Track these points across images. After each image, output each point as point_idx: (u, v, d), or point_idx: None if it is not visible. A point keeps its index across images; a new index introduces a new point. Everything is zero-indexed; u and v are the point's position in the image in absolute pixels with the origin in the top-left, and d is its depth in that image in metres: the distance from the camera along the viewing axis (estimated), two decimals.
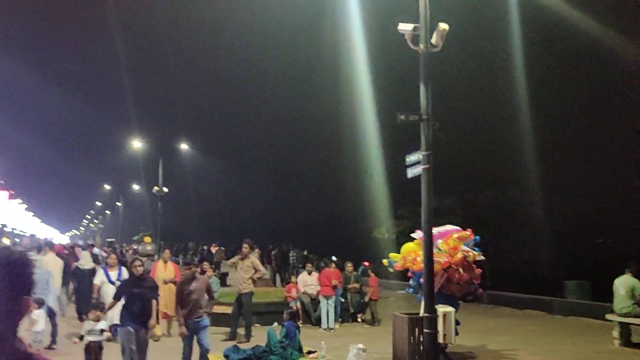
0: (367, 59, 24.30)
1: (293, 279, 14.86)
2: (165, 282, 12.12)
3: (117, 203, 73.79)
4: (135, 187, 63.61)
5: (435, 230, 9.85)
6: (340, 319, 14.21)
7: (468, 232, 9.74)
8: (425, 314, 8.28)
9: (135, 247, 41.87)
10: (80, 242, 46.25)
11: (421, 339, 8.60)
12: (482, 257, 9.82)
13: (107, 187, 75.93)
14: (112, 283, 11.27)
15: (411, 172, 8.77)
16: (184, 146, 38.73)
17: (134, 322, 7.96)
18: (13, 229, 71.77)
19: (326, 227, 38.07)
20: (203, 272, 15.43)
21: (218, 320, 13.53)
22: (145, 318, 8.07)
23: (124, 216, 75.54)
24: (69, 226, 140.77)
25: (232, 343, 10.97)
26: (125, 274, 11.32)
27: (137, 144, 37.23)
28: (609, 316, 11.00)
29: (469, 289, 9.93)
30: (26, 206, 76.72)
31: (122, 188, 67.13)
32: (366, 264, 22.18)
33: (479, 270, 9.82)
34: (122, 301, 8.32)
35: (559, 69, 23.29)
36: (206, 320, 8.61)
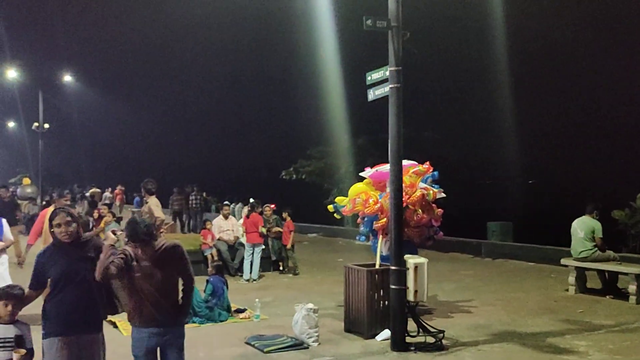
0: None
1: (208, 224, 12.98)
2: None
3: None
4: (11, 124, 57.91)
5: (384, 167, 8.41)
6: (260, 269, 12.64)
7: (426, 166, 8.34)
8: (393, 267, 6.82)
9: (12, 188, 38.34)
10: None
11: (384, 297, 7.19)
12: (443, 195, 8.47)
13: None
14: None
15: (373, 94, 7.13)
16: (67, 78, 34.75)
17: (74, 327, 4.13)
18: None
19: (227, 167, 35.99)
20: (100, 218, 13.24)
21: None
22: (95, 317, 4.30)
23: None
24: None
25: None
26: (6, 229, 7.87)
27: (11, 74, 32.93)
28: (564, 260, 10.16)
29: (428, 232, 8.62)
30: None
31: None
32: (272, 206, 20.24)
33: (439, 210, 8.48)
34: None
35: None
36: None
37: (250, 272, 12.01)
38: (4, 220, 7.93)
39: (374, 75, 7.10)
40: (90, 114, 48.59)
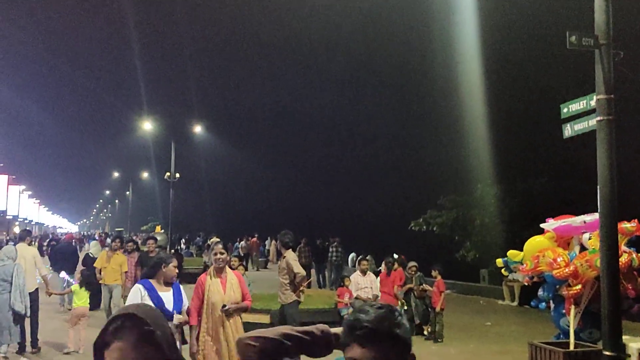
0: None
1: (347, 281, 11.82)
2: None
3: (127, 192, 71.22)
4: (145, 174, 61.12)
5: (571, 220, 6.88)
6: None
7: (634, 224, 6.67)
8: (607, 352, 5.23)
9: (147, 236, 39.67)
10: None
11: None
12: None
13: (116, 174, 73.21)
14: None
15: (571, 129, 5.71)
16: (197, 129, 35.74)
17: None
18: (24, 218, 69.37)
19: (352, 219, 35.00)
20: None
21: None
22: None
23: (133, 205, 73.23)
24: (79, 216, 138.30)
25: None
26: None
27: (147, 126, 34.37)
28: None
29: (623, 304, 6.89)
30: (30, 193, 74.22)
31: (131, 175, 64.39)
32: (403, 257, 18.55)
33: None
34: None
35: None
36: None
37: None
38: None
39: (573, 107, 5.71)
40: (218, 166, 50.05)
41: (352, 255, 24.62)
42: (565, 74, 17.73)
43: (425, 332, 11.71)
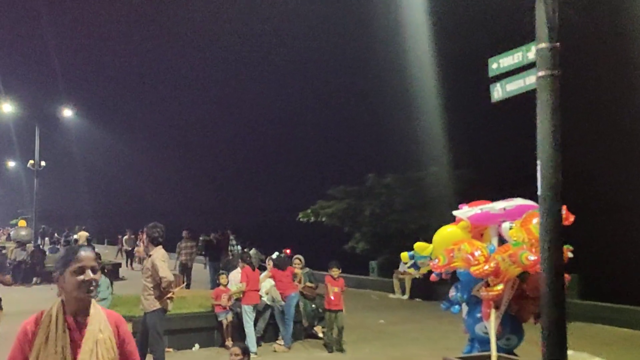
0: None
1: (223, 279, 10.15)
2: None
3: None
4: (11, 163, 55.88)
5: (491, 205, 5.77)
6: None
7: (564, 213, 5.56)
8: None
9: (10, 231, 36.32)
10: None
11: None
12: (571, 254, 5.70)
13: None
14: None
15: (502, 90, 4.47)
16: (67, 112, 32.37)
17: None
18: None
19: (239, 210, 33.28)
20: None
21: None
22: None
23: None
24: None
25: None
26: None
27: (6, 108, 30.65)
28: None
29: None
30: None
31: None
32: (287, 251, 17.13)
33: (567, 277, 5.71)
34: None
35: None
36: None
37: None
38: None
39: (505, 61, 4.46)
40: (98, 153, 46.38)
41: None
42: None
43: (320, 334, 10.37)
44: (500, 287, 5.29)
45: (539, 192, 4.20)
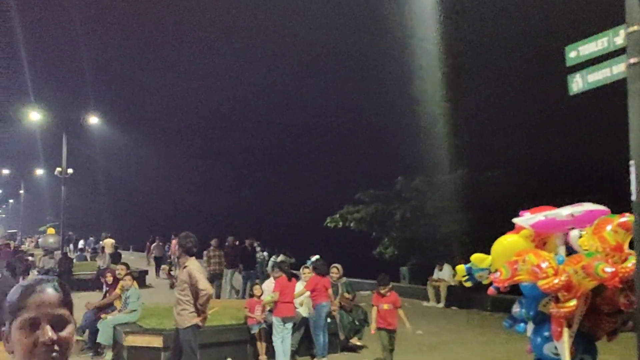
0: None
1: (257, 290, 9.70)
2: None
3: (20, 191, 65.51)
4: (40, 171, 56.23)
5: (556, 212, 5.23)
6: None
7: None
8: None
9: (38, 237, 36.52)
10: None
11: None
12: None
13: (5, 171, 66.81)
14: None
15: (583, 81, 3.95)
16: (93, 119, 32.31)
17: None
18: None
19: (266, 217, 32.99)
20: (116, 281, 10.22)
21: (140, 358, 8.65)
22: None
23: (27, 204, 67.65)
24: None
25: None
26: None
27: (34, 116, 30.67)
28: None
29: (619, 320, 5.31)
30: None
31: (22, 172, 59.01)
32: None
33: None
34: None
35: None
36: None
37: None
38: None
39: (586, 48, 3.93)
40: (124, 162, 46.50)
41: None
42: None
43: (358, 342, 9.87)
44: (573, 302, 4.75)
45: (632, 197, 3.66)
